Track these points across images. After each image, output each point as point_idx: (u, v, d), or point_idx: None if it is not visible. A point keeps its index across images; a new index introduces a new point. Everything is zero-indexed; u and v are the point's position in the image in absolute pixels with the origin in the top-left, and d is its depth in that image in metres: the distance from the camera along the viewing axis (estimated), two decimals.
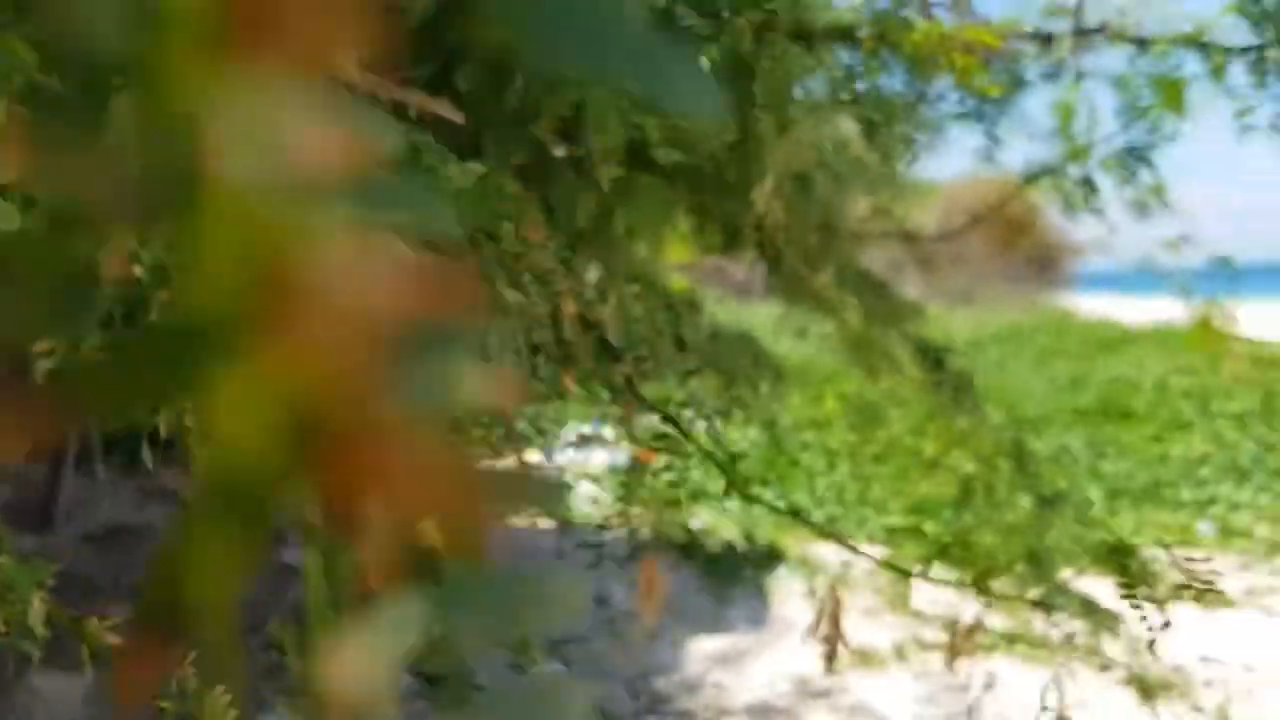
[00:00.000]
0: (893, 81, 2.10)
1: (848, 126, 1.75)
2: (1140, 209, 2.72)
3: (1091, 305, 28.63)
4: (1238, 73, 1.82)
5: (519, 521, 8.16)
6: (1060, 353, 17.83)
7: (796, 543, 7.31)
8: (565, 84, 1.40)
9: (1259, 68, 1.62)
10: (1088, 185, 2.25)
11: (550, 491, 0.33)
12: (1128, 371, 15.07)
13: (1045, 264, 31.15)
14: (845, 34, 1.73)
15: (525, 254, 1.36)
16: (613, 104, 1.43)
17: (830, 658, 3.27)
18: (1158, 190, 2.66)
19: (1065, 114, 1.80)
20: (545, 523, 8.23)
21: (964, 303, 26.48)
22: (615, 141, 1.51)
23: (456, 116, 1.63)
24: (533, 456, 10.01)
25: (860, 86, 1.79)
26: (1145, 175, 2.59)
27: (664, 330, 2.16)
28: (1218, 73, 1.67)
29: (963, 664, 3.86)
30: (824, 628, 3.08)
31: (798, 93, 1.60)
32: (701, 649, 5.41)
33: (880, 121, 1.72)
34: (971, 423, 2.94)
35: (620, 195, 1.84)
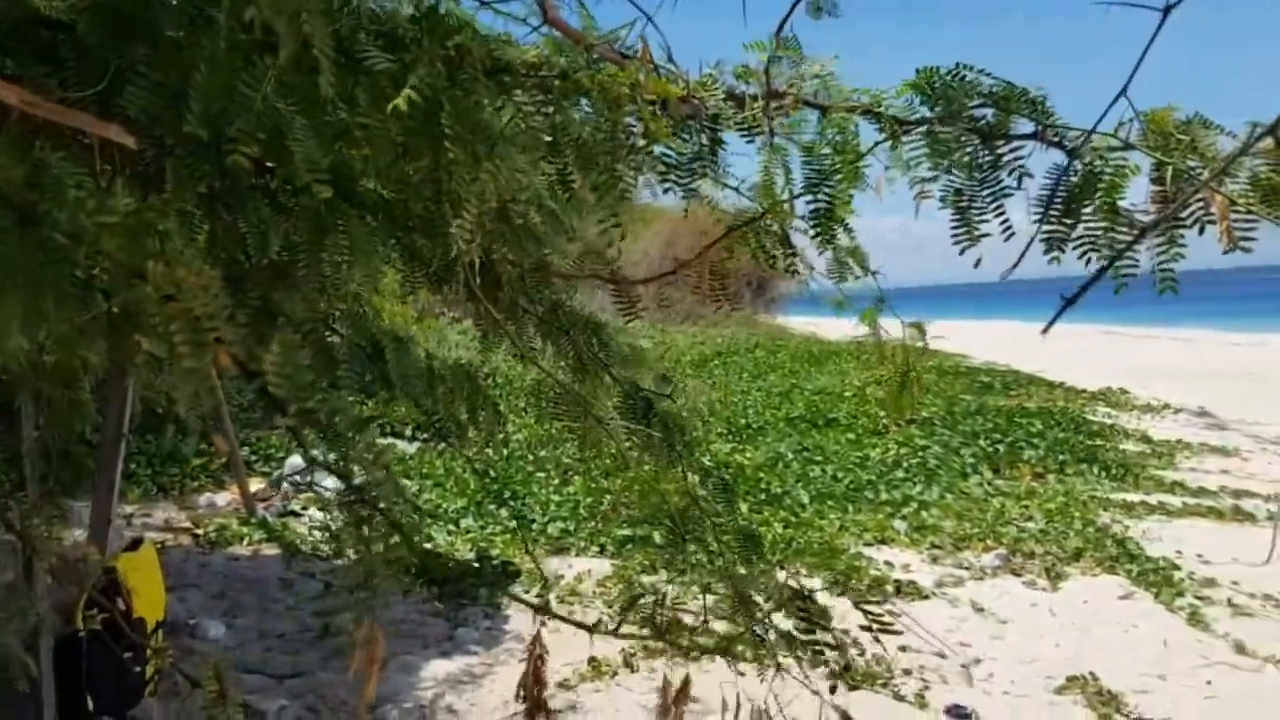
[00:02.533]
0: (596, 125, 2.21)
1: (546, 167, 1.84)
2: (840, 267, 2.90)
3: (800, 323, 30.70)
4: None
5: (242, 550, 7.77)
6: (774, 367, 19.03)
7: (531, 558, 7.39)
8: (262, 111, 1.39)
9: (933, 141, 1.86)
10: (784, 242, 2.44)
11: None
12: (831, 383, 16.33)
13: (761, 285, 33.12)
14: (534, 72, 1.81)
15: (179, 297, 1.32)
16: (315, 131, 1.44)
17: (531, 716, 3.34)
18: (854, 253, 2.85)
19: (764, 175, 1.98)
20: (270, 550, 7.88)
21: (688, 321, 27.66)
22: (315, 170, 1.50)
23: (127, 140, 1.57)
24: (257, 485, 9.44)
25: (564, 129, 1.87)
26: (843, 238, 2.75)
27: (356, 370, 2.15)
28: (894, 141, 1.88)
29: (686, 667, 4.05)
30: (529, 685, 3.15)
31: (494, 130, 1.66)
32: (434, 672, 5.36)
33: (579, 164, 1.82)
34: (680, 463, 3.08)
35: (320, 228, 1.82)
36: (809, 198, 1.97)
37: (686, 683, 3.37)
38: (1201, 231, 1.67)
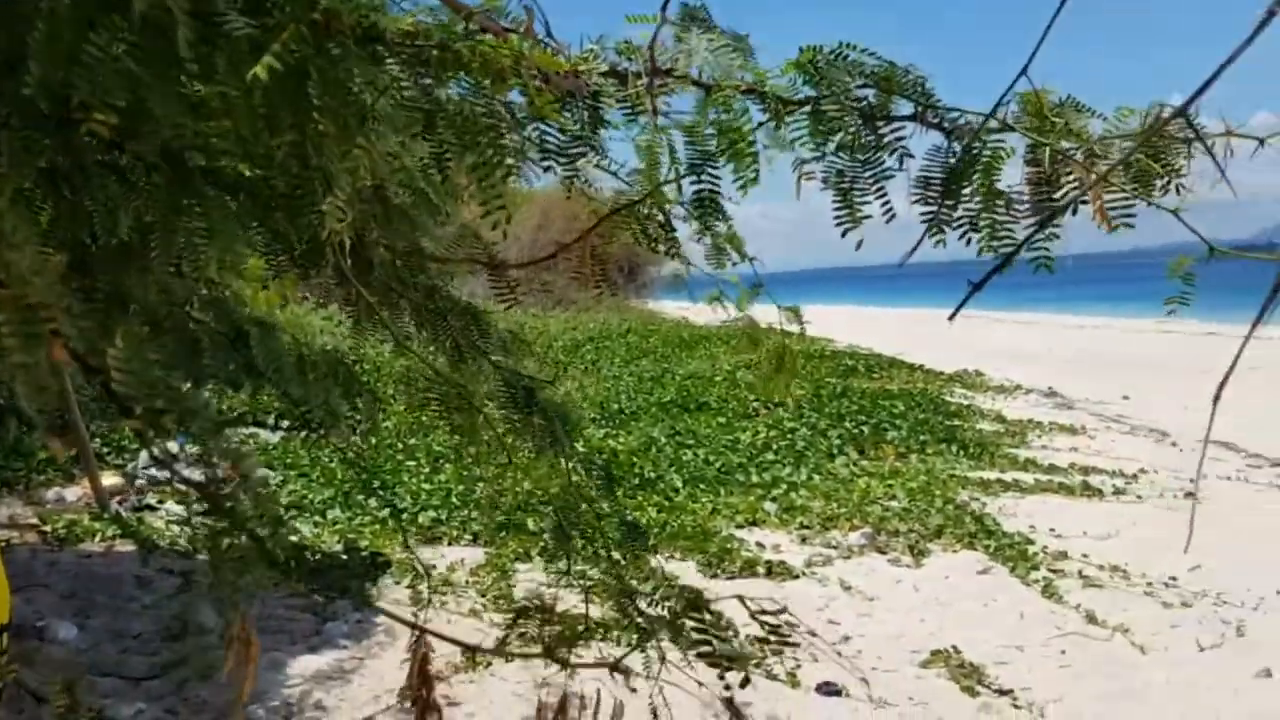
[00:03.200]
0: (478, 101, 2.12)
1: (423, 145, 1.75)
2: (717, 253, 2.86)
3: (672, 308, 30.97)
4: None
5: (95, 546, 7.36)
6: (647, 352, 19.12)
7: (401, 548, 7.23)
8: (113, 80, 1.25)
9: (815, 121, 1.83)
10: (665, 228, 2.41)
11: None
12: (702, 367, 16.51)
13: (633, 270, 33.25)
14: (411, 41, 1.71)
15: (9, 283, 1.19)
16: (170, 104, 1.31)
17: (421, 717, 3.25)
18: (732, 240, 2.81)
19: (648, 155, 1.92)
20: (125, 546, 7.50)
21: (560, 306, 27.57)
22: (181, 133, 1.38)
23: None
24: (110, 479, 8.96)
25: (442, 104, 1.78)
26: (720, 225, 2.71)
27: (219, 359, 2.01)
28: (777, 121, 1.86)
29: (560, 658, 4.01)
30: (415, 685, 3.06)
31: (366, 103, 1.55)
32: (302, 668, 5.18)
33: (457, 143, 1.73)
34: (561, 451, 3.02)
35: (174, 207, 1.69)
36: (692, 180, 1.93)
37: (564, 702, 3.34)
38: (1075, 212, 1.70)
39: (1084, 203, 1.67)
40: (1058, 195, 1.69)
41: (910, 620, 5.91)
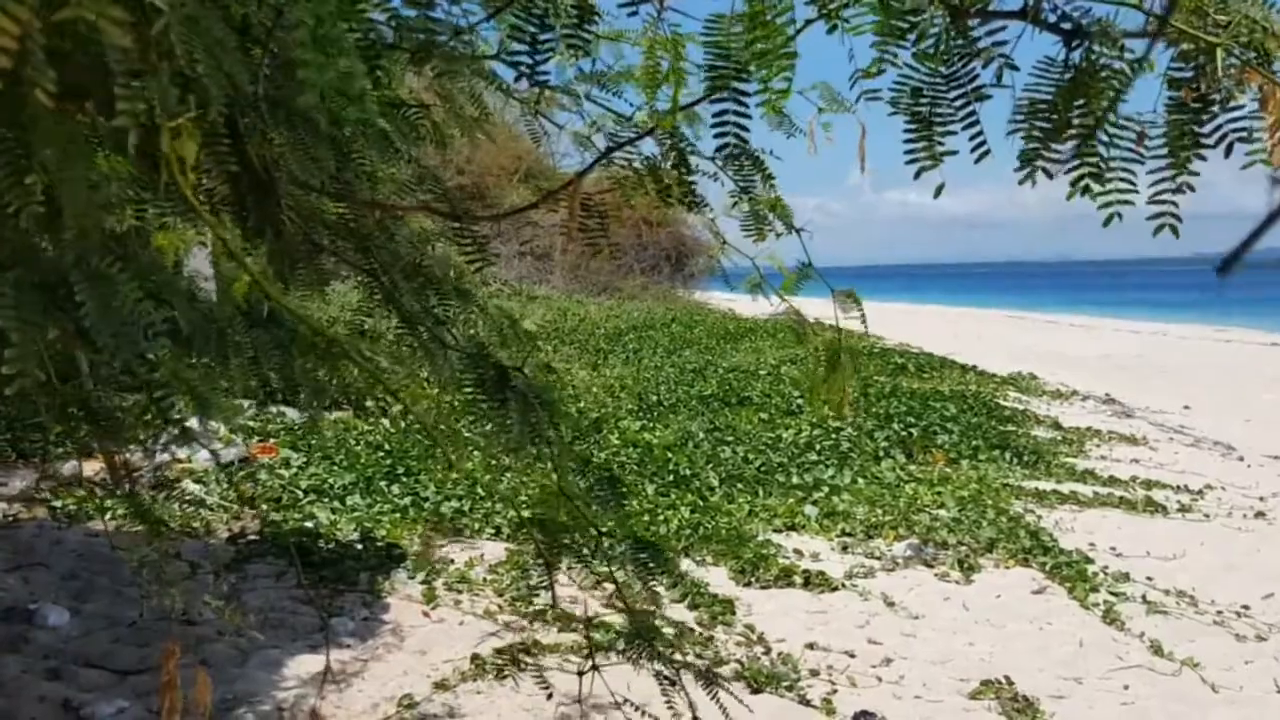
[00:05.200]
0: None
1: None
2: (756, 222, 2.55)
3: (719, 299, 30.46)
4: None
5: (103, 526, 7.11)
6: (690, 342, 18.66)
7: (420, 540, 6.90)
8: None
9: (885, 12, 1.39)
10: (681, 170, 2.01)
11: None
12: (746, 360, 16.03)
13: (679, 259, 32.75)
14: None
15: None
16: None
17: None
18: (776, 205, 2.54)
19: (650, 66, 1.53)
20: (138, 526, 7.26)
21: (605, 293, 27.17)
22: None
23: None
24: (133, 455, 8.69)
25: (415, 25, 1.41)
26: (757, 184, 2.45)
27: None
28: (830, 16, 1.41)
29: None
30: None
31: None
32: (300, 668, 4.84)
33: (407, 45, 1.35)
34: (548, 451, 2.60)
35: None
36: (714, 100, 1.51)
37: None
38: (1229, 153, 1.26)
39: (1246, 139, 1.25)
40: (1206, 130, 1.27)
41: (958, 643, 5.45)
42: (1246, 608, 5.97)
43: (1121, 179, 1.31)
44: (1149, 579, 6.43)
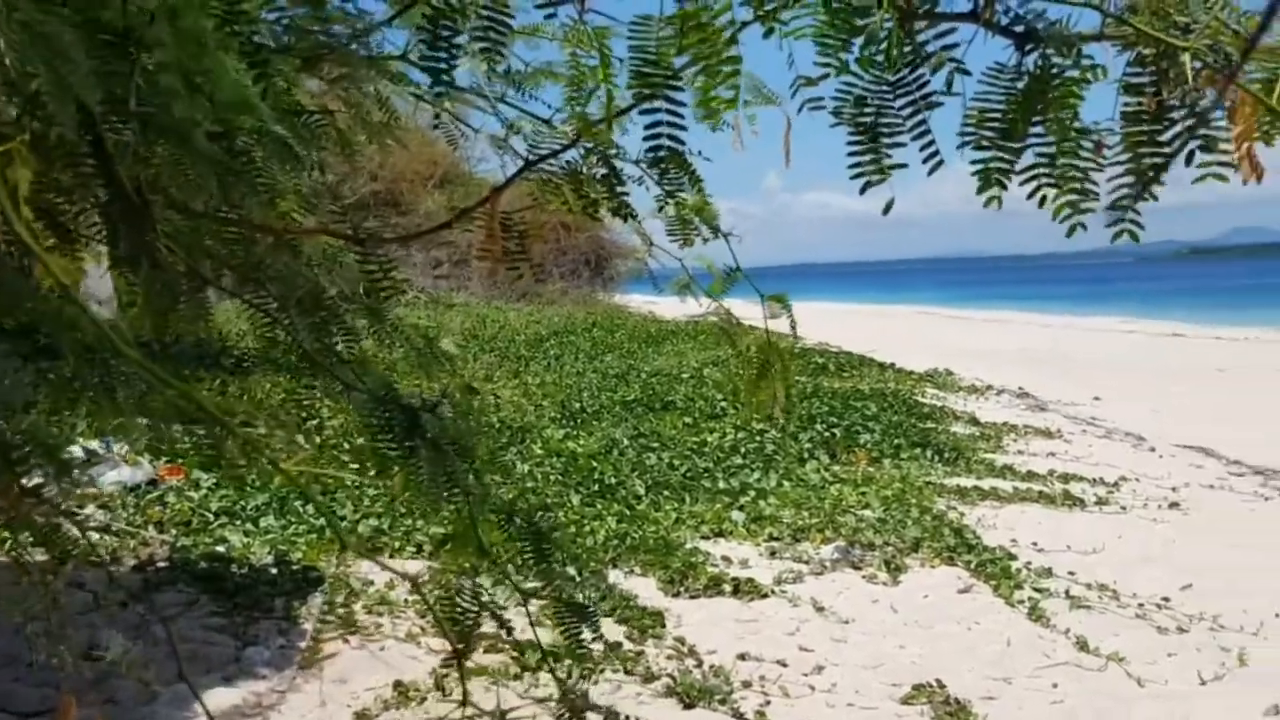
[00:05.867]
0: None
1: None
2: (682, 227, 2.47)
3: (639, 301, 30.43)
4: None
5: (2, 556, 6.74)
6: (612, 347, 18.57)
7: (337, 561, 6.67)
8: None
9: (830, 11, 1.28)
10: (610, 181, 1.90)
11: None
12: (669, 364, 15.99)
13: (599, 263, 32.66)
14: None
15: None
16: None
17: None
18: (702, 210, 2.46)
19: (574, 70, 1.42)
20: (39, 554, 6.90)
21: (524, 299, 26.95)
22: None
23: None
24: (34, 480, 8.24)
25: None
26: (685, 189, 2.38)
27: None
28: (767, 18, 1.30)
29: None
30: None
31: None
32: (214, 703, 4.61)
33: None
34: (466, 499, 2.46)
35: None
36: (644, 110, 1.39)
37: None
38: (1189, 162, 1.20)
39: (1206, 147, 1.19)
40: (1165, 136, 1.20)
41: (888, 646, 5.43)
42: (1166, 599, 6.07)
43: (1081, 189, 1.24)
44: (1071, 573, 6.51)
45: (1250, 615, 5.82)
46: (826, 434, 10.59)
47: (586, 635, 2.51)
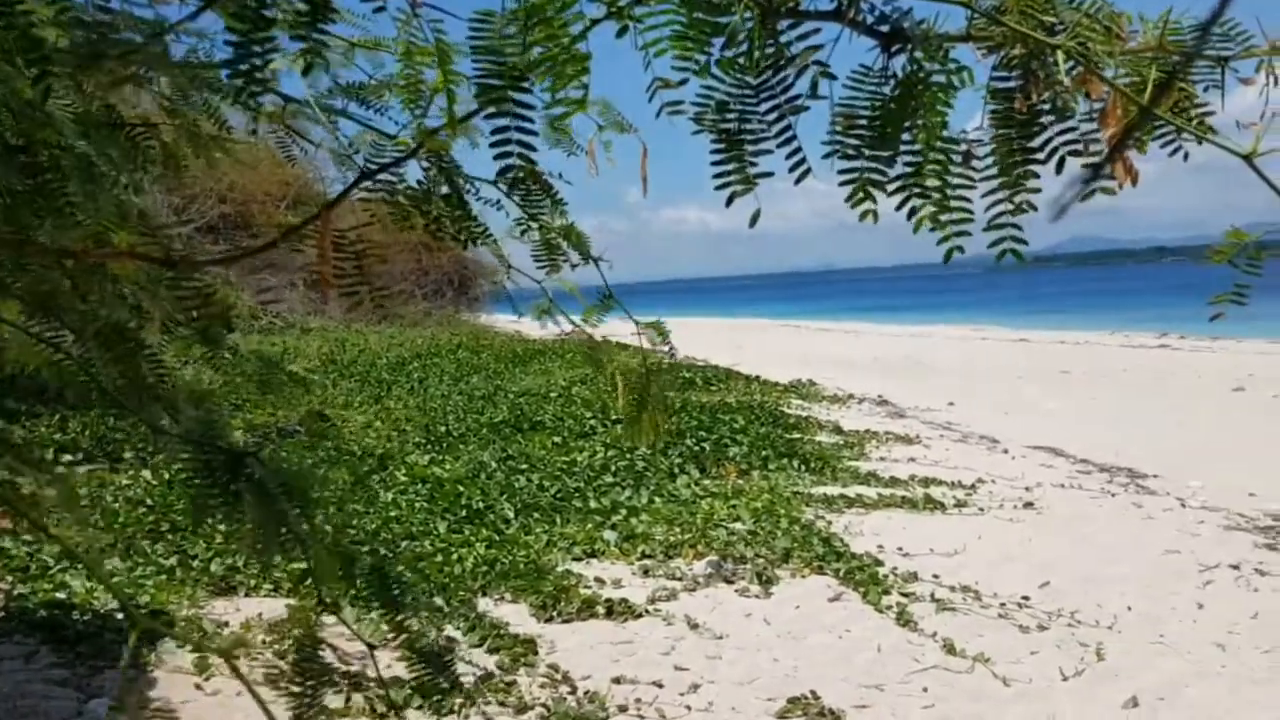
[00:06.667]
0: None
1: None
2: (548, 252, 2.38)
3: (505, 321, 30.13)
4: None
5: None
6: (478, 368, 18.28)
7: (189, 603, 6.29)
8: None
9: (688, 7, 1.19)
10: (454, 204, 1.79)
11: None
12: (537, 384, 15.82)
13: (463, 283, 32.21)
14: None
15: None
16: None
17: None
18: (570, 233, 2.38)
19: (407, 70, 1.31)
20: None
21: (386, 321, 26.32)
22: None
23: None
24: None
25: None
26: (552, 216, 2.31)
27: None
28: (620, 14, 1.22)
29: None
30: None
31: None
32: None
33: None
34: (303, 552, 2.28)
35: None
36: (488, 115, 1.29)
37: None
38: (1060, 169, 1.16)
39: (1079, 152, 1.16)
40: (1035, 143, 1.17)
41: (763, 660, 5.43)
42: (1026, 598, 6.25)
43: (946, 201, 1.19)
44: (935, 576, 6.66)
45: (1104, 610, 6.05)
46: (696, 448, 10.62)
47: (444, 684, 2.36)
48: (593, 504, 8.48)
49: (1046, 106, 1.21)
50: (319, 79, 1.97)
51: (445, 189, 1.59)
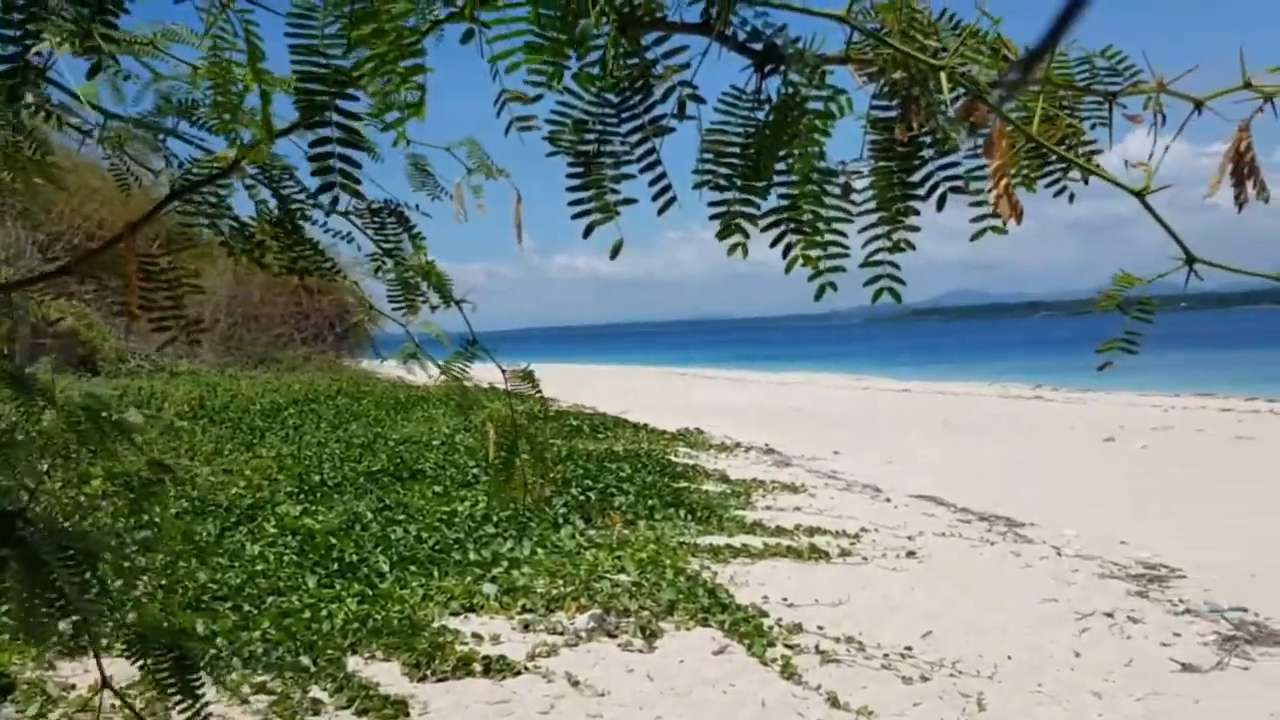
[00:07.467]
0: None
1: None
2: (405, 292, 2.24)
3: (389, 367, 29.48)
4: None
5: None
6: (358, 415, 17.75)
7: (34, 664, 5.81)
8: None
9: (537, 12, 1.07)
10: (281, 226, 1.63)
11: None
12: (419, 431, 15.42)
13: (345, 327, 31.45)
14: None
15: None
16: None
17: None
18: (429, 272, 2.25)
19: (216, 68, 1.17)
20: None
21: (262, 365, 25.46)
22: None
23: None
24: None
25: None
26: (410, 252, 2.19)
27: None
28: (467, 12, 1.10)
29: None
30: None
31: None
32: None
33: None
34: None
35: None
36: (311, 124, 1.13)
37: None
38: (941, 206, 1.07)
39: (961, 189, 1.07)
40: (916, 178, 1.08)
41: (645, 718, 5.25)
42: (909, 649, 6.23)
43: (828, 237, 1.09)
44: (820, 627, 6.60)
45: (985, 659, 6.07)
46: (582, 497, 10.44)
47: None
48: (473, 556, 8.21)
49: (928, 139, 1.12)
50: (144, 97, 1.79)
51: (275, 212, 1.42)
